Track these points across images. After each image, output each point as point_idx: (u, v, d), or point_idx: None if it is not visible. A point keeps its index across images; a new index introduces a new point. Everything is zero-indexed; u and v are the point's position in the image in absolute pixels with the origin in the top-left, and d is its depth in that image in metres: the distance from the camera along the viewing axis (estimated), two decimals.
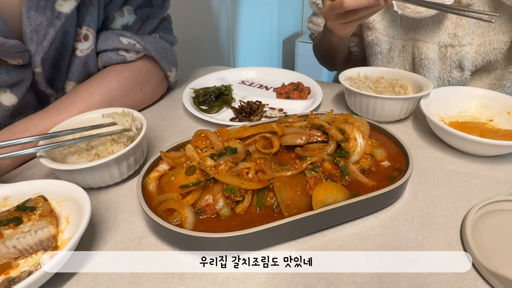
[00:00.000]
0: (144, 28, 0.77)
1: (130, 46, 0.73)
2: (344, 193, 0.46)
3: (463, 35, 0.77)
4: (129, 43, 0.73)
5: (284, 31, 2.56)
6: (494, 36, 0.76)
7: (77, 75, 0.72)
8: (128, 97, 0.74)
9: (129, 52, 0.75)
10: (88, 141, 0.56)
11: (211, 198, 0.46)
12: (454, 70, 0.81)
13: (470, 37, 0.77)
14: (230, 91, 0.84)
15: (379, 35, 0.85)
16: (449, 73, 0.83)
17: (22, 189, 0.48)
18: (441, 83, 0.87)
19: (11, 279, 0.39)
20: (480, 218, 0.46)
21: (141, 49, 0.75)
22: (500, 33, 0.75)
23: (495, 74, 0.83)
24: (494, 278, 0.39)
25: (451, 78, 0.84)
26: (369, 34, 0.87)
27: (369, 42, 0.88)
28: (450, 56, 0.80)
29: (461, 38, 0.77)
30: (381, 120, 0.70)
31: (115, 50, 0.74)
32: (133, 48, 0.74)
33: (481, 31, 0.77)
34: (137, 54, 0.76)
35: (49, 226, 0.43)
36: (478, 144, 0.56)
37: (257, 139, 0.57)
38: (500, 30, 0.75)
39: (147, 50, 0.75)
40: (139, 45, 0.74)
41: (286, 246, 0.45)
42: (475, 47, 0.78)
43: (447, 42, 0.79)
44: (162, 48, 0.78)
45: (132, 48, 0.74)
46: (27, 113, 0.66)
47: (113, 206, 0.52)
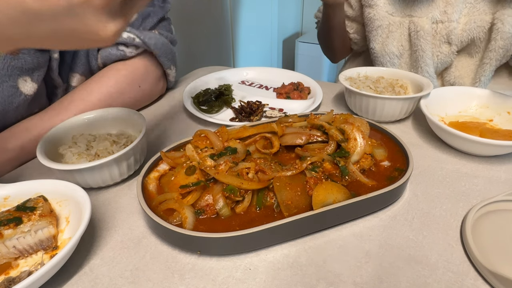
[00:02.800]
0: (144, 25, 0.77)
1: (129, 40, 0.73)
2: (344, 193, 0.46)
3: (451, 12, 0.85)
4: (129, 37, 0.73)
5: (284, 31, 2.56)
6: (478, 15, 0.84)
7: (80, 66, 0.73)
8: (126, 94, 0.74)
9: (129, 47, 0.75)
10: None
11: (211, 198, 0.46)
12: (443, 44, 0.89)
13: (458, 15, 0.85)
14: (230, 91, 0.84)
15: (380, 11, 0.91)
16: (439, 47, 0.89)
17: (22, 189, 0.48)
18: (429, 58, 0.92)
19: (11, 279, 0.39)
20: (480, 218, 0.46)
21: (140, 43, 0.74)
22: (483, 14, 0.84)
23: (478, 56, 0.90)
24: (494, 278, 0.39)
25: (440, 53, 0.90)
26: (370, 11, 0.92)
27: (370, 18, 0.93)
28: (440, 31, 0.88)
29: (450, 15, 0.85)
30: (381, 120, 0.70)
31: (114, 44, 0.74)
32: (132, 42, 0.74)
33: (467, 11, 0.86)
34: (136, 49, 0.76)
35: (49, 226, 0.43)
36: (478, 144, 0.56)
37: (257, 139, 0.57)
38: (483, 11, 0.84)
39: (146, 45, 0.75)
40: (138, 39, 0.74)
41: (286, 246, 0.45)
42: (462, 25, 0.86)
43: (438, 19, 0.87)
44: (161, 43, 0.78)
45: (132, 42, 0.74)
46: (41, 100, 0.67)
47: (113, 206, 0.52)
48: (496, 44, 0.83)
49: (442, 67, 0.93)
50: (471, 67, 0.91)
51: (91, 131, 0.61)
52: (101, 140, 0.57)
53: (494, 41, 0.83)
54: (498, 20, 0.81)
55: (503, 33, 0.81)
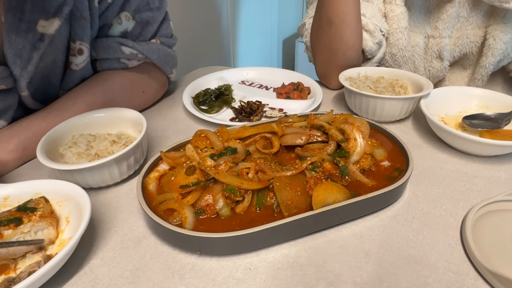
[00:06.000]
0: (144, 34, 0.75)
1: (132, 56, 0.73)
2: (344, 193, 0.46)
3: (443, 28, 0.84)
4: (131, 53, 0.72)
5: (284, 31, 2.56)
6: (471, 30, 0.83)
7: (73, 86, 0.71)
8: (130, 100, 0.74)
9: (131, 60, 0.74)
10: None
11: (211, 198, 0.46)
12: (434, 60, 0.88)
13: (450, 31, 0.84)
14: (230, 91, 0.84)
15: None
16: (430, 62, 0.89)
17: (22, 189, 0.48)
18: (422, 72, 0.91)
19: (11, 279, 0.39)
20: (480, 218, 0.46)
21: (143, 57, 0.74)
22: (476, 28, 0.83)
23: (471, 69, 0.89)
24: (494, 278, 0.39)
25: (432, 68, 0.90)
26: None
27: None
28: (431, 47, 0.87)
29: (441, 31, 0.84)
30: (381, 120, 0.70)
31: (115, 58, 0.73)
32: (135, 58, 0.73)
33: (459, 25, 0.84)
34: (138, 61, 0.75)
35: (49, 228, 0.43)
36: (478, 144, 0.56)
37: (257, 139, 0.57)
38: (476, 25, 0.83)
39: (149, 59, 0.75)
40: (141, 55, 0.73)
41: (286, 246, 0.45)
42: (454, 40, 0.85)
43: (430, 34, 0.86)
44: (164, 54, 0.77)
45: (134, 57, 0.73)
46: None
47: (113, 206, 0.52)
48: (487, 60, 0.82)
49: (435, 80, 0.93)
50: (464, 80, 0.91)
51: (91, 131, 0.61)
52: (101, 140, 0.57)
53: (485, 57, 0.82)
54: (490, 35, 0.80)
55: (494, 50, 0.80)
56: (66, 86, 0.71)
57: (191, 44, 1.60)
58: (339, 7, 0.74)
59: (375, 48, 0.83)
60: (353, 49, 0.79)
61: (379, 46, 0.84)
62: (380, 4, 0.84)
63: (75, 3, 0.62)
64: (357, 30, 0.77)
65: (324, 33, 0.79)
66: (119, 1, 0.69)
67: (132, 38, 0.73)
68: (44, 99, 0.68)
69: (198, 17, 1.63)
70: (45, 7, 0.58)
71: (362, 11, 0.80)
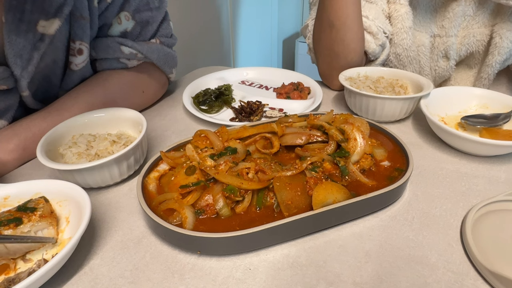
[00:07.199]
0: (144, 34, 0.75)
1: (131, 56, 0.73)
2: (344, 193, 0.46)
3: (449, 27, 0.83)
4: (131, 53, 0.72)
5: (284, 31, 2.56)
6: (477, 28, 0.83)
7: (73, 86, 0.71)
8: (130, 100, 0.74)
9: (131, 60, 0.74)
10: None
11: (211, 198, 0.46)
12: (440, 59, 0.88)
13: (456, 29, 0.84)
14: (230, 91, 0.84)
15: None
16: (436, 62, 0.88)
17: (22, 189, 0.48)
18: (428, 72, 0.91)
19: (11, 279, 0.39)
20: (480, 218, 0.46)
21: (143, 57, 0.74)
22: (483, 26, 0.82)
23: (477, 67, 0.89)
24: (494, 278, 0.39)
25: (438, 67, 0.89)
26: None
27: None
28: (438, 46, 0.86)
29: (447, 30, 0.84)
30: (381, 120, 0.70)
31: (115, 58, 0.73)
32: (134, 58, 0.74)
33: (466, 24, 0.84)
34: (138, 61, 0.75)
35: (49, 228, 0.43)
36: (478, 144, 0.56)
37: (257, 139, 0.57)
38: (483, 24, 0.82)
39: (149, 58, 0.75)
40: (141, 55, 0.73)
41: (286, 246, 0.45)
42: (460, 39, 0.85)
43: (436, 33, 0.86)
44: (164, 54, 0.77)
45: (134, 57, 0.73)
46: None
47: (113, 206, 0.52)
48: (494, 59, 0.82)
49: (440, 80, 0.92)
50: (470, 79, 0.90)
51: (91, 131, 0.61)
52: (101, 140, 0.57)
53: (492, 55, 0.82)
54: (496, 34, 0.80)
55: (501, 48, 0.80)
56: (66, 86, 0.71)
57: (191, 44, 1.60)
58: (339, 9, 0.74)
59: (378, 50, 0.83)
60: (355, 51, 0.79)
61: (382, 48, 0.84)
62: (384, 5, 0.83)
63: (75, 3, 0.62)
64: (358, 32, 0.77)
65: (326, 36, 0.79)
66: (118, 1, 0.69)
67: (131, 38, 0.73)
68: (44, 99, 0.69)
69: (198, 17, 1.63)
70: (45, 8, 0.58)
71: (365, 13, 0.80)
